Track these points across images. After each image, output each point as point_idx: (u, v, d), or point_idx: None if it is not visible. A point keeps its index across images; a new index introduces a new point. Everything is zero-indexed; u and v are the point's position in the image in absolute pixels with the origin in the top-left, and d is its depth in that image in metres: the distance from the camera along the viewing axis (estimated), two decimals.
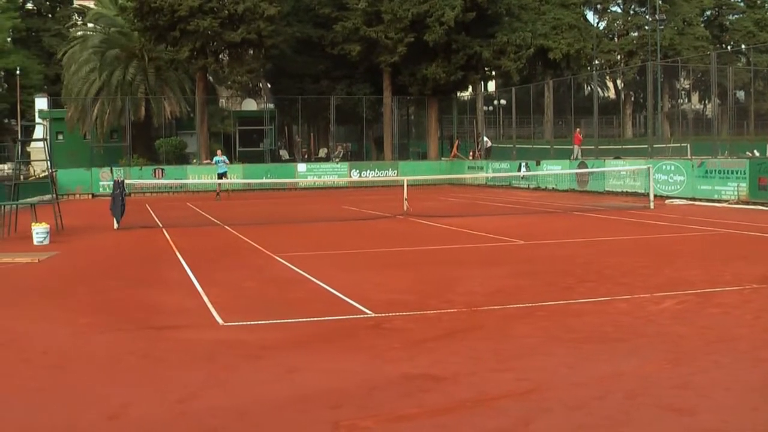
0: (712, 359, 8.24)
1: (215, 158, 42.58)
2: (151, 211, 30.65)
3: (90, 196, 44.35)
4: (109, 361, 8.71)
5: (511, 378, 7.69)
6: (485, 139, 55.98)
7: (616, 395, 7.11)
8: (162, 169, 47.20)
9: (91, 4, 62.47)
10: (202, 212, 30.31)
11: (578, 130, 44.95)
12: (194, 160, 53.52)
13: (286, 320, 10.52)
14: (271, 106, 64.19)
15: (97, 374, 8.19)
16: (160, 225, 25.14)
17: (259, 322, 10.51)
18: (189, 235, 22.00)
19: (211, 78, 60.05)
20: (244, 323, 10.45)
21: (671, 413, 6.66)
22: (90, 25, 59.61)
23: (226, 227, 23.97)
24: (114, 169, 45.05)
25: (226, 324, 10.33)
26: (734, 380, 7.52)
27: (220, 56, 54.17)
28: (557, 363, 8.19)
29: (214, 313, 10.90)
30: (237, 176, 46.47)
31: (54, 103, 58.35)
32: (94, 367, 8.46)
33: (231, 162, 45.92)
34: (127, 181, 27.83)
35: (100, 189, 44.19)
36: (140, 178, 43.77)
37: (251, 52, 54.08)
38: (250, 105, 67.59)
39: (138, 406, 7.12)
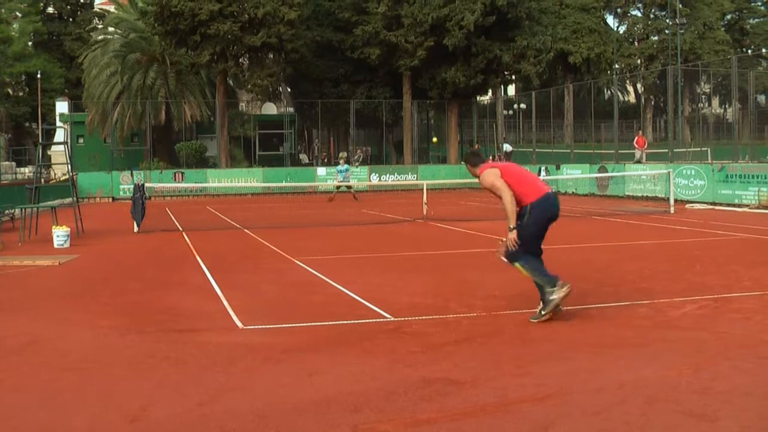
0: (732, 364, 8.21)
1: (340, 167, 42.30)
2: (171, 215, 30.76)
3: (110, 199, 44.54)
4: (130, 363, 8.74)
5: (531, 383, 7.68)
6: (506, 145, 55.93)
7: (636, 400, 7.09)
8: (182, 173, 47.31)
9: (112, 8, 62.72)
10: (222, 216, 30.38)
11: (640, 132, 44.64)
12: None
13: (305, 324, 10.54)
14: (291, 110, 64.33)
15: (118, 377, 8.22)
16: (180, 228, 25.22)
17: (279, 325, 10.53)
18: (209, 239, 22.06)
19: (231, 82, 60.17)
20: (264, 326, 10.47)
21: (691, 419, 6.64)
22: (111, 29, 59.81)
23: (246, 231, 24.02)
24: (134, 172, 45.20)
25: (246, 327, 10.36)
26: (755, 385, 7.50)
27: (240, 60, 54.24)
28: (576, 368, 8.18)
29: (234, 317, 10.93)
30: (257, 180, 46.60)
31: (75, 107, 58.51)
32: (115, 370, 8.49)
33: (251, 165, 46.07)
34: (147, 185, 27.89)
35: (121, 192, 44.35)
36: (160, 182, 43.94)
37: (271, 56, 54.16)
38: (270, 109, 67.69)
39: (159, 408, 7.15)
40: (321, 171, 50.12)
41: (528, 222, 10.37)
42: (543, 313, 10.30)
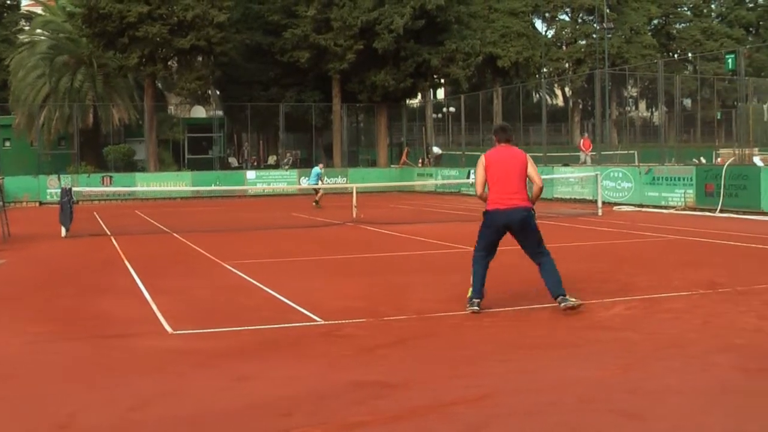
0: (662, 364, 8.29)
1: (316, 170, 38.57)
2: (100, 219, 30.43)
3: (38, 203, 43.96)
4: (59, 369, 8.63)
5: (464, 384, 7.69)
6: (435, 148, 56.15)
7: (569, 401, 7.13)
8: (110, 177, 46.84)
9: (39, 10, 62.01)
10: (151, 220, 30.14)
11: (586, 135, 44.78)
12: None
13: (236, 328, 10.47)
14: (220, 113, 63.98)
15: (46, 383, 8.10)
16: (109, 233, 24.96)
17: (210, 330, 10.45)
18: (138, 243, 21.86)
19: (159, 85, 59.77)
20: (195, 331, 10.38)
21: (623, 418, 6.70)
22: (38, 30, 59.10)
23: (176, 235, 23.84)
24: (62, 176, 44.66)
25: (176, 332, 10.26)
26: (685, 385, 7.58)
27: (169, 63, 53.86)
28: (510, 369, 8.21)
29: (164, 322, 10.81)
30: (186, 184, 46.31)
31: (1, 110, 57.73)
32: (43, 376, 8.37)
33: (181, 169, 45.68)
34: (75, 189, 27.55)
35: (48, 197, 43.78)
36: (88, 186, 43.48)
37: (200, 59, 53.87)
38: (199, 112, 67.28)
39: (88, 415, 7.05)
40: (250, 174, 49.94)
41: (482, 223, 11.21)
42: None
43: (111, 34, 48.91)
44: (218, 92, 66.58)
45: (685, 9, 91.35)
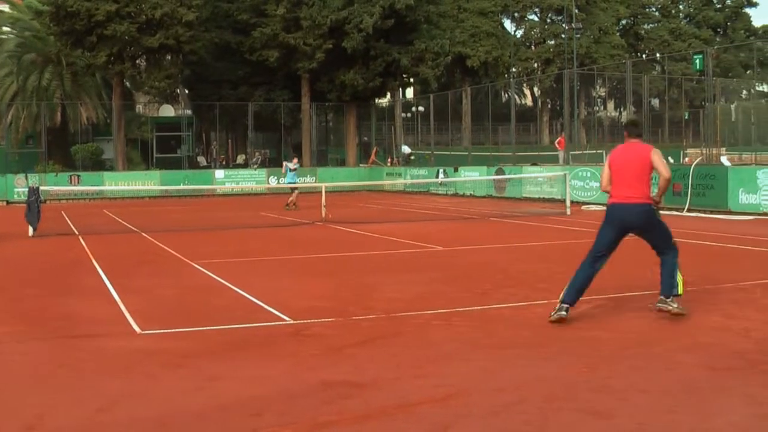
0: (628, 363, 8.34)
1: (288, 165, 36.10)
2: (68, 219, 30.28)
3: (5, 203, 43.66)
4: (27, 371, 8.58)
5: (431, 384, 7.71)
6: (404, 147, 56.25)
7: (535, 400, 7.16)
8: (78, 176, 46.56)
9: (6, 8, 61.63)
10: (120, 219, 30.01)
11: (563, 134, 44.80)
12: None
13: (205, 328, 10.45)
14: (188, 112, 63.86)
15: (14, 385, 8.06)
16: (77, 232, 24.84)
17: (178, 330, 10.43)
18: (106, 243, 21.77)
19: (128, 84, 59.48)
20: (163, 331, 10.36)
21: (589, 416, 6.74)
22: (5, 28, 58.75)
23: (144, 234, 23.76)
24: (29, 175, 44.39)
25: (144, 332, 10.23)
26: (650, 383, 7.62)
27: (138, 62, 53.63)
28: (476, 368, 8.23)
29: (132, 322, 10.78)
30: (154, 183, 46.16)
31: None
32: (10, 378, 8.32)
33: (149, 168, 45.44)
34: (42, 188, 27.41)
35: (15, 196, 43.49)
36: (56, 185, 43.22)
37: (169, 57, 53.66)
38: (167, 111, 67.07)
39: (56, 416, 7.02)
40: (219, 174, 49.82)
41: (603, 219, 10.95)
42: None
43: (79, 33, 48.68)
44: (187, 91, 66.42)
45: (654, 9, 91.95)
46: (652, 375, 7.92)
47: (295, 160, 36.72)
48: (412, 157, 55.67)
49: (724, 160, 33.72)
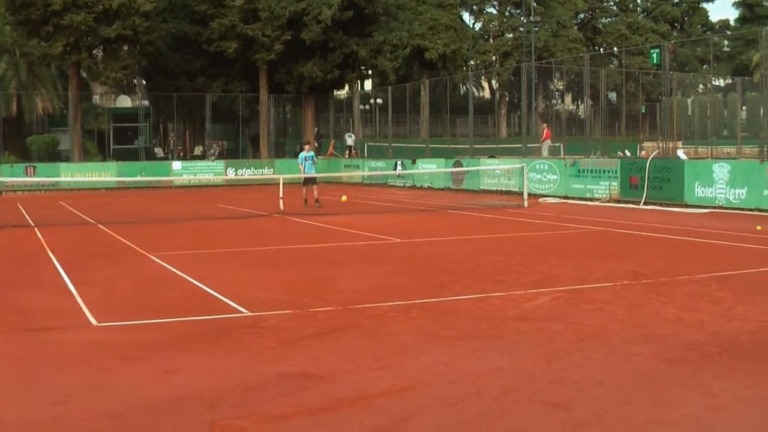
0: (585, 354, 8.37)
1: (303, 154, 31.68)
2: (23, 210, 30.02)
3: None
4: None
5: (388, 376, 7.70)
6: (349, 136, 56.49)
7: (492, 391, 7.17)
8: (34, 167, 46.13)
9: None
10: (76, 211, 29.78)
11: (546, 125, 44.73)
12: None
13: (161, 320, 10.40)
14: (146, 103, 63.49)
15: None
16: (32, 224, 24.62)
17: (134, 322, 10.35)
18: (62, 235, 21.59)
19: (84, 74, 59.02)
20: (119, 324, 10.28)
21: (546, 408, 6.74)
22: None
23: (100, 226, 23.58)
24: None
25: (100, 324, 10.15)
26: (607, 375, 7.65)
27: (94, 52, 53.20)
28: (433, 360, 8.23)
29: (88, 314, 10.69)
30: (111, 174, 45.88)
31: None
32: None
33: (106, 159, 45.09)
34: None
35: None
36: (11, 176, 42.81)
37: (126, 48, 53.21)
38: (124, 102, 66.69)
39: (10, 410, 6.94)
40: (176, 165, 49.59)
41: None
42: None
43: (35, 22, 48.17)
44: (144, 82, 65.97)
45: (611, 4, 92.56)
46: (608, 366, 7.95)
47: (307, 147, 32.86)
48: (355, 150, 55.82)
49: (681, 153, 33.97)
